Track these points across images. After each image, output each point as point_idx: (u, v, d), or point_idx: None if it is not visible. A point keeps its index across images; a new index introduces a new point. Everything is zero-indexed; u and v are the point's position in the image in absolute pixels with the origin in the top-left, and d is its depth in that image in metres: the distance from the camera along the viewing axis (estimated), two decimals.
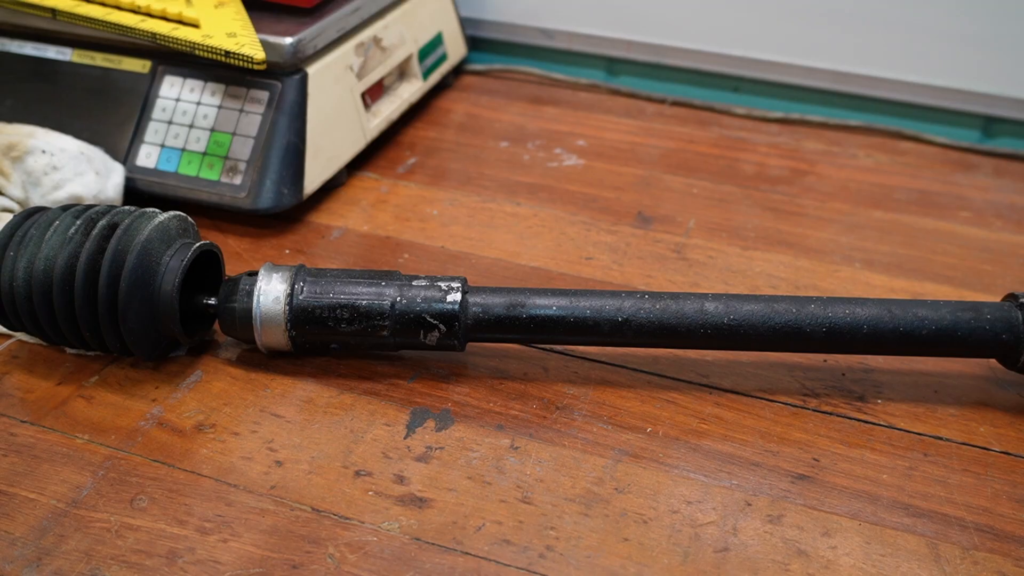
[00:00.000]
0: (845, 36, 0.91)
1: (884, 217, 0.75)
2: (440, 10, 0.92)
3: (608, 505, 0.48)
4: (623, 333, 0.54)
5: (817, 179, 0.80)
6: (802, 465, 0.51)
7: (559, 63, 1.01)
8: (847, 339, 0.54)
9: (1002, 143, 0.90)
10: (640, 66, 0.99)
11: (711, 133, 0.87)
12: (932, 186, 0.80)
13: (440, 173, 0.79)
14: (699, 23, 0.94)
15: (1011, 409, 0.56)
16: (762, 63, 0.94)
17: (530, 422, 0.53)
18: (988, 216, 0.76)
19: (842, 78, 0.93)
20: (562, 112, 0.90)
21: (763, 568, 0.45)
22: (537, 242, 0.70)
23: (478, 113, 0.90)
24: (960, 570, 0.46)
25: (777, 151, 0.85)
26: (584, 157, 0.82)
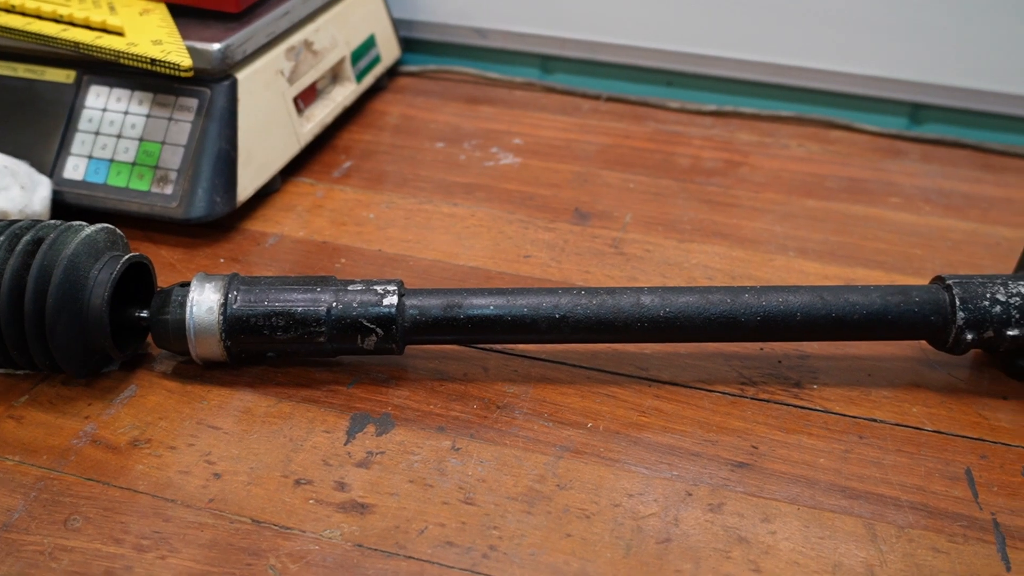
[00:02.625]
0: (776, 28, 0.92)
1: (816, 205, 0.76)
2: (372, 12, 0.92)
3: (550, 502, 0.48)
4: (561, 330, 0.54)
5: (751, 170, 0.81)
6: (741, 453, 0.52)
7: (494, 62, 1.01)
8: (781, 327, 0.54)
9: (929, 129, 0.92)
10: (575, 63, 0.99)
11: (646, 128, 0.88)
12: (862, 173, 0.81)
13: (376, 176, 0.78)
14: (632, 19, 0.95)
15: (942, 389, 0.57)
16: (695, 57, 0.95)
17: (471, 422, 0.53)
18: (917, 201, 0.77)
19: (774, 70, 0.94)
20: (498, 111, 0.90)
21: (704, 557, 0.46)
22: (475, 242, 0.70)
23: (413, 114, 0.90)
24: (896, 548, 0.47)
25: (711, 143, 0.86)
26: (520, 155, 0.82)
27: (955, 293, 0.55)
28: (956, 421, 0.55)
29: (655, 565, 0.45)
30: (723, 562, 0.46)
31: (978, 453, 0.53)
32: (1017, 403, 0.57)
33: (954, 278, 0.56)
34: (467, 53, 1.01)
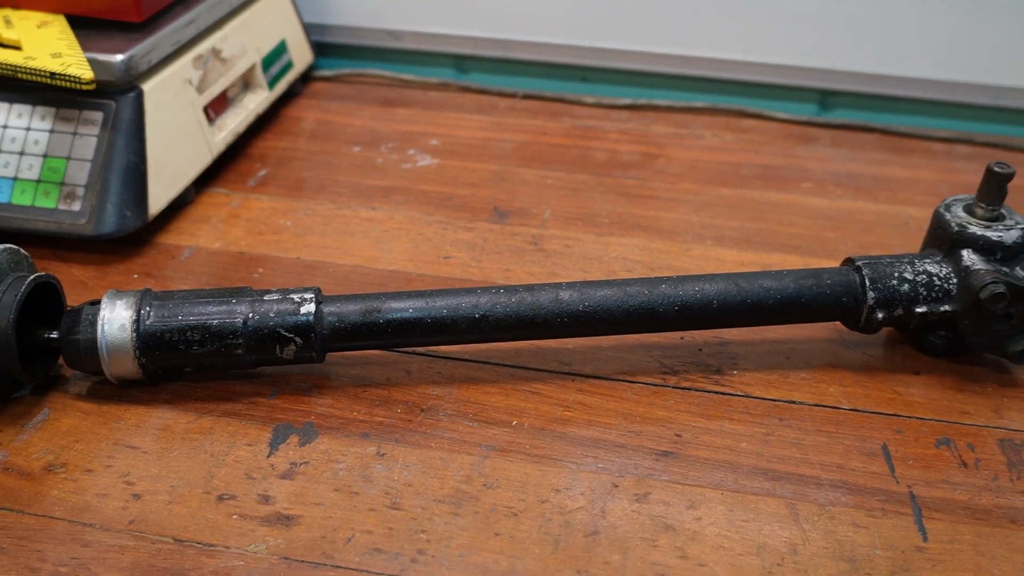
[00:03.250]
0: (688, 21, 0.93)
1: (732, 194, 0.77)
2: (282, 17, 0.91)
3: (478, 502, 0.48)
4: (481, 329, 0.54)
5: (667, 162, 0.82)
6: (665, 442, 0.52)
7: (408, 64, 1.00)
8: (699, 315, 0.55)
9: (838, 115, 0.94)
10: (489, 62, 0.99)
11: (563, 124, 0.88)
12: (775, 160, 0.83)
13: (292, 183, 0.77)
14: (546, 16, 0.95)
15: (857, 368, 0.59)
16: (609, 52, 0.96)
17: (395, 427, 0.53)
18: (828, 185, 0.79)
19: (686, 62, 0.95)
20: (414, 113, 0.90)
21: (632, 547, 0.46)
22: (394, 245, 0.69)
23: (329, 119, 0.89)
24: (818, 526, 0.48)
25: (627, 137, 0.86)
26: (438, 156, 0.82)
27: (865, 274, 0.56)
28: (872, 398, 0.56)
29: (584, 558, 0.45)
30: (650, 551, 0.46)
31: (893, 428, 0.54)
32: (929, 378, 0.58)
33: (863, 259, 0.57)
34: (381, 56, 1.01)
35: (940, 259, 0.57)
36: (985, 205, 0.57)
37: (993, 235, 0.56)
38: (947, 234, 0.57)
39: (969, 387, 0.58)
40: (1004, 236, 0.56)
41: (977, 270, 0.55)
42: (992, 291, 0.54)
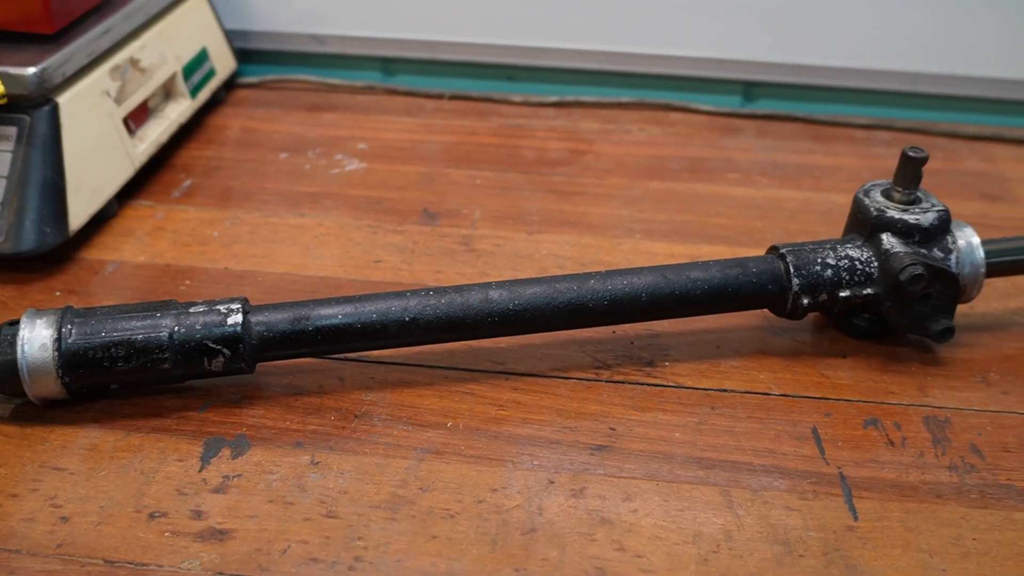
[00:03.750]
0: (613, 17, 0.93)
1: (660, 187, 0.78)
2: (202, 25, 0.89)
3: (414, 506, 0.48)
4: (412, 332, 0.54)
5: (595, 157, 0.83)
6: (600, 436, 0.53)
7: (334, 68, 1.00)
8: (629, 309, 0.56)
9: (762, 105, 0.96)
10: (416, 64, 0.99)
11: (490, 123, 0.89)
12: (702, 152, 0.84)
13: (218, 192, 0.76)
14: (472, 16, 0.95)
15: (786, 354, 0.60)
16: (535, 50, 0.96)
17: (329, 435, 0.53)
18: (754, 175, 0.80)
19: (612, 58, 0.96)
20: (341, 117, 0.89)
21: (569, 542, 0.46)
22: (324, 251, 0.69)
23: (254, 127, 0.88)
24: (752, 512, 0.48)
25: (555, 134, 0.87)
26: (366, 160, 0.81)
27: (789, 261, 0.57)
28: (800, 383, 0.57)
29: (522, 556, 0.46)
30: (588, 545, 0.46)
31: (822, 411, 0.55)
32: (855, 360, 0.59)
33: (787, 247, 0.58)
34: (306, 60, 1.00)
35: (861, 243, 0.58)
36: (902, 189, 0.58)
37: (910, 218, 0.57)
38: (867, 219, 0.58)
39: (894, 367, 0.59)
40: (921, 219, 0.57)
41: (896, 253, 0.56)
42: (911, 273, 0.55)
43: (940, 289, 0.56)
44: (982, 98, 0.94)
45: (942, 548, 0.47)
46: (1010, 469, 0.52)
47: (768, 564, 0.46)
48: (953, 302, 0.57)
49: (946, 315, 0.58)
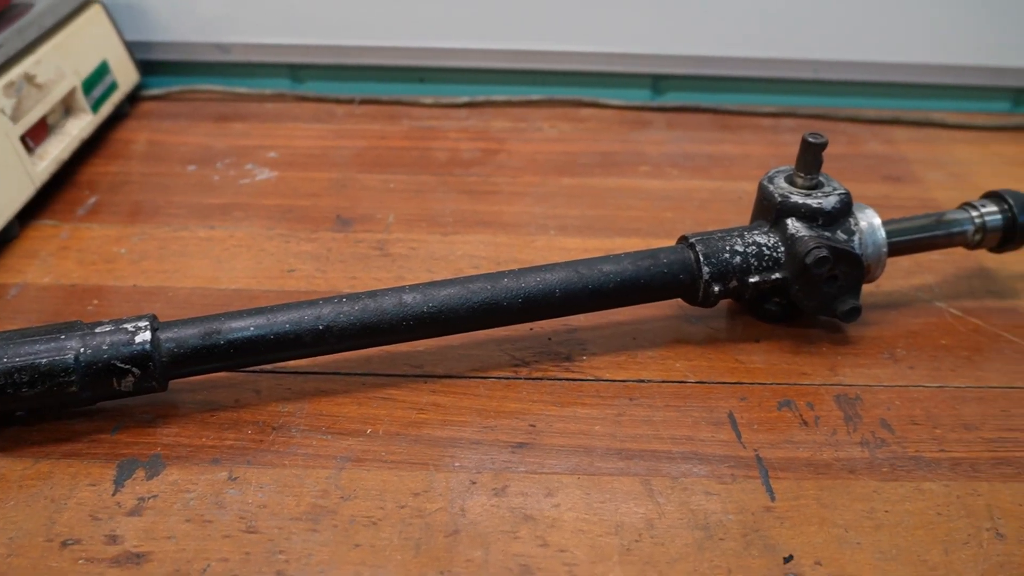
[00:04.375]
0: (522, 15, 0.94)
1: (572, 183, 0.78)
2: (101, 38, 0.87)
3: (336, 516, 0.48)
4: (327, 341, 0.53)
5: (507, 156, 0.83)
6: (520, 434, 0.53)
7: (241, 76, 0.98)
8: (543, 305, 0.56)
9: (670, 98, 0.97)
10: (325, 69, 0.98)
11: (402, 126, 0.88)
12: (613, 147, 0.85)
13: (125, 208, 0.75)
14: (379, 19, 0.95)
15: (701, 341, 0.61)
16: (444, 51, 0.96)
17: (247, 449, 0.52)
18: (665, 167, 0.81)
19: (522, 56, 0.96)
20: (250, 126, 0.88)
21: (493, 541, 0.46)
22: (236, 263, 0.67)
23: (161, 139, 0.86)
24: (672, 499, 0.49)
25: (467, 134, 0.87)
26: (277, 169, 0.80)
27: (698, 250, 0.58)
28: (716, 369, 0.58)
29: (446, 559, 0.45)
30: (511, 543, 0.46)
31: (738, 396, 0.56)
32: (768, 344, 0.61)
33: (696, 236, 0.59)
34: (212, 70, 0.98)
35: (767, 229, 0.59)
36: (804, 174, 0.59)
37: (813, 202, 0.58)
38: (772, 205, 0.59)
39: (806, 349, 0.60)
40: (824, 203, 0.58)
41: (801, 237, 0.57)
42: (816, 256, 0.56)
43: (845, 270, 0.58)
44: (881, 83, 0.97)
45: (856, 522, 0.48)
46: (918, 441, 0.53)
47: (689, 549, 0.46)
48: (858, 282, 0.59)
49: (852, 295, 0.59)
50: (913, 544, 0.47)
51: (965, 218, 0.63)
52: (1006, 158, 0.86)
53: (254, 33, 0.96)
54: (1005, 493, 0.50)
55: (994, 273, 0.69)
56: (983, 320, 0.64)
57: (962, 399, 0.57)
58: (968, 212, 0.63)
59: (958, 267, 0.69)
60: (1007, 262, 0.70)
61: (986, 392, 0.57)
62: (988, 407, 0.56)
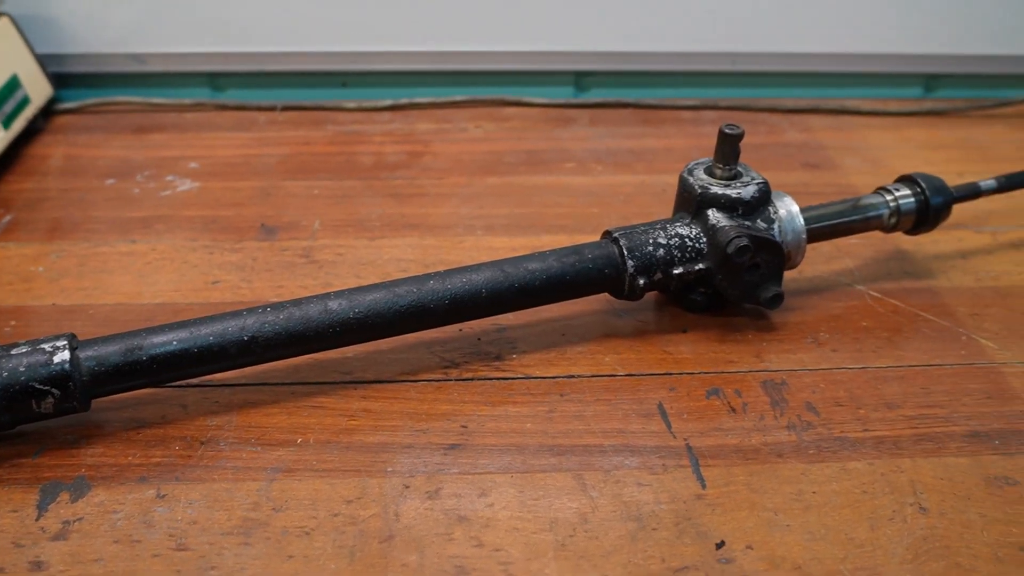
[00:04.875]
0: (443, 16, 0.94)
1: (498, 182, 0.79)
2: (9, 51, 0.85)
3: (268, 528, 0.47)
4: (253, 351, 0.53)
5: (433, 158, 0.83)
6: (452, 435, 0.53)
7: (159, 87, 0.96)
8: (470, 306, 0.56)
9: (593, 94, 0.98)
10: (245, 77, 0.97)
11: (326, 132, 0.87)
12: (537, 145, 0.85)
13: (42, 226, 0.73)
14: (300, 25, 0.94)
15: (630, 334, 0.61)
16: (367, 55, 0.96)
17: (175, 465, 0.51)
18: (589, 163, 0.82)
19: (444, 57, 0.96)
20: (169, 137, 0.87)
21: (428, 544, 0.46)
22: (159, 277, 0.66)
23: (78, 154, 0.84)
24: (605, 492, 0.49)
25: (392, 138, 0.86)
26: (198, 179, 0.79)
27: (622, 244, 0.58)
28: (645, 361, 0.59)
29: (380, 565, 0.45)
30: (447, 545, 0.46)
31: (667, 387, 0.57)
32: (695, 334, 0.61)
33: (620, 230, 0.59)
34: (128, 81, 0.96)
35: (689, 221, 0.60)
36: (723, 165, 0.60)
37: (732, 192, 0.59)
38: (692, 196, 0.60)
39: (732, 337, 0.61)
40: (743, 192, 0.59)
41: (722, 227, 0.58)
42: (737, 245, 0.57)
43: (766, 258, 0.59)
44: (798, 72, 0.99)
45: (785, 505, 0.49)
46: (843, 422, 0.55)
47: (623, 541, 0.47)
48: (780, 269, 0.60)
49: (775, 282, 0.60)
50: (840, 523, 0.48)
51: (880, 202, 0.65)
52: (919, 142, 0.89)
53: (171, 42, 0.94)
54: (927, 468, 0.52)
55: (911, 255, 0.71)
56: (902, 301, 0.65)
57: (884, 379, 0.58)
58: (883, 196, 0.65)
59: (876, 250, 0.71)
60: (923, 244, 0.72)
61: (906, 371, 0.59)
62: (908, 385, 0.58)
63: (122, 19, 0.92)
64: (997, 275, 0.69)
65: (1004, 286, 0.67)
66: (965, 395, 0.57)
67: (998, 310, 0.65)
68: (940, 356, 0.60)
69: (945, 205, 0.65)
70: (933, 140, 0.89)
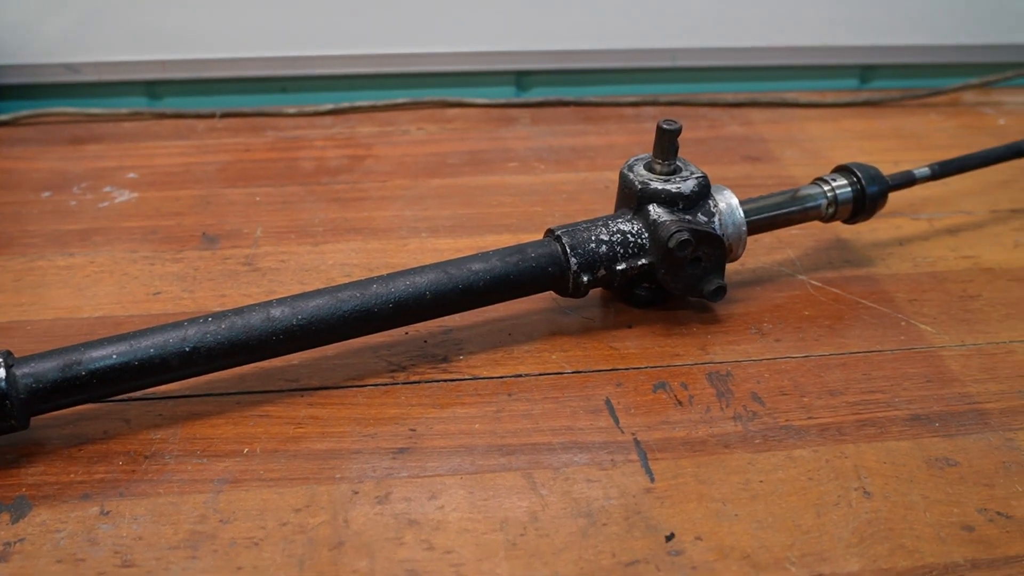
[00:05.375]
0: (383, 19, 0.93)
1: (442, 183, 0.78)
2: None
3: (215, 540, 0.47)
4: (195, 362, 0.52)
5: (375, 161, 0.82)
6: (401, 439, 0.53)
7: (95, 96, 0.95)
8: (415, 308, 0.56)
9: (535, 93, 0.98)
10: (183, 84, 0.96)
11: (266, 138, 0.87)
12: (480, 145, 0.85)
13: None
14: (237, 30, 0.93)
15: (576, 332, 0.62)
16: (306, 59, 0.95)
17: (119, 481, 0.50)
18: (531, 162, 0.82)
19: (385, 60, 0.96)
20: (107, 148, 0.85)
21: (379, 549, 0.46)
22: (98, 290, 0.65)
23: (11, 167, 0.82)
24: (555, 489, 0.50)
25: (333, 142, 0.86)
26: (137, 189, 0.78)
27: (565, 242, 0.58)
28: (591, 358, 0.59)
29: (331, 572, 0.45)
30: (397, 549, 0.46)
31: (614, 382, 0.57)
32: (640, 328, 0.62)
33: (562, 228, 0.60)
34: (63, 92, 0.94)
35: (631, 217, 0.60)
36: (662, 161, 0.61)
37: (672, 187, 0.60)
38: (633, 192, 0.60)
39: (677, 331, 0.62)
40: (682, 187, 0.60)
41: (663, 222, 0.59)
42: (678, 239, 0.57)
43: (708, 251, 0.59)
44: (737, 67, 1.00)
45: (733, 495, 0.50)
46: (787, 411, 0.55)
47: (574, 538, 0.47)
48: (722, 262, 0.61)
49: (717, 275, 0.61)
50: (787, 510, 0.49)
51: (818, 192, 0.66)
52: (855, 132, 0.90)
53: (105, 51, 0.93)
54: (870, 453, 0.52)
55: (850, 243, 0.72)
56: (842, 289, 0.66)
57: (826, 366, 0.59)
58: (820, 187, 0.66)
59: (817, 240, 0.72)
60: (862, 232, 0.73)
61: (848, 358, 0.60)
62: (851, 372, 0.59)
63: (55, 28, 0.91)
64: (934, 260, 0.70)
65: (941, 271, 0.69)
66: (905, 380, 0.58)
67: (935, 295, 0.66)
68: (880, 342, 0.61)
69: (881, 194, 0.66)
70: (869, 130, 0.91)
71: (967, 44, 1.02)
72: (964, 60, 1.03)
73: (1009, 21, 1.01)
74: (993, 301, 0.66)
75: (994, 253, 0.71)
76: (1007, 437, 0.54)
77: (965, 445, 0.53)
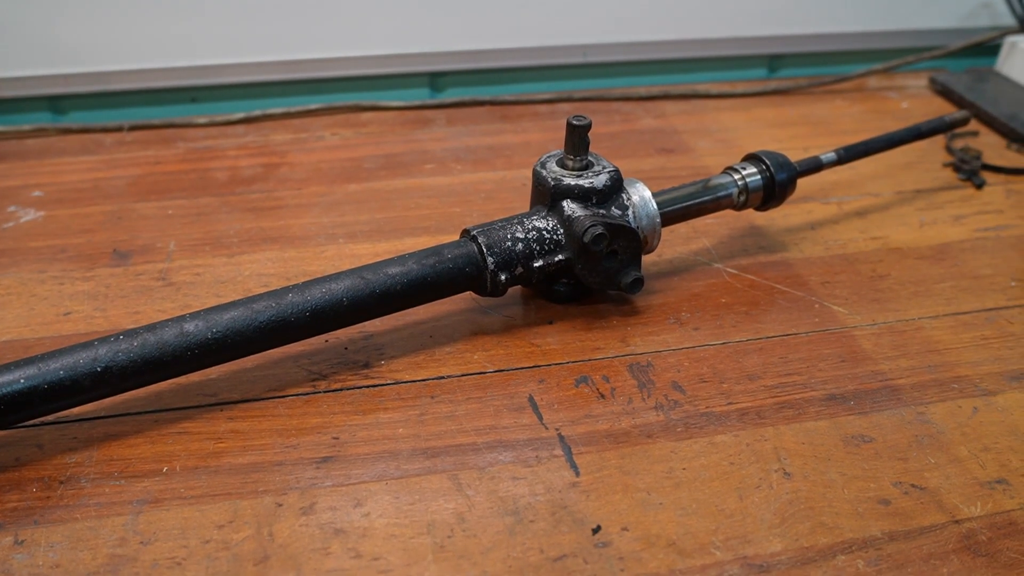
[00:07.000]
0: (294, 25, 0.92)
1: (358, 188, 0.78)
2: None
3: (136, 562, 0.46)
4: (108, 382, 0.51)
5: (290, 168, 0.81)
6: (324, 448, 0.52)
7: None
8: (332, 316, 0.55)
9: (449, 94, 0.98)
10: (87, 98, 0.93)
11: (177, 150, 0.85)
12: (396, 148, 0.85)
13: None
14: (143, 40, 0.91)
15: (497, 330, 0.62)
16: (216, 68, 0.93)
17: (33, 508, 0.49)
18: (448, 163, 0.82)
19: (297, 66, 0.95)
20: (9, 166, 0.83)
21: (305, 561, 0.46)
22: (5, 313, 0.63)
23: None
24: (481, 489, 0.50)
25: (246, 151, 0.84)
26: (43, 208, 0.76)
27: (481, 242, 0.58)
28: (513, 356, 0.59)
29: None
30: (324, 559, 0.46)
31: (537, 379, 0.57)
32: (561, 324, 0.62)
33: (478, 228, 0.60)
34: None
35: (546, 213, 0.61)
36: (573, 156, 0.61)
37: (585, 183, 0.60)
38: (547, 189, 0.61)
39: (598, 324, 0.62)
40: (595, 181, 0.60)
41: (578, 217, 0.59)
42: (593, 233, 0.58)
43: (623, 244, 0.60)
44: (649, 60, 1.01)
45: (657, 484, 0.50)
46: (707, 397, 0.56)
47: (501, 536, 0.47)
48: (638, 254, 0.61)
49: (634, 267, 0.61)
50: (711, 496, 0.50)
51: (729, 182, 0.67)
52: (765, 121, 0.92)
53: (5, 66, 0.90)
54: (788, 434, 0.54)
55: (764, 230, 0.73)
56: (757, 275, 0.67)
57: (744, 352, 0.60)
58: (731, 176, 0.67)
59: (732, 228, 0.73)
60: (775, 218, 0.75)
61: (765, 343, 0.61)
62: (768, 356, 0.60)
63: None
64: (844, 243, 0.72)
65: (851, 253, 0.71)
66: (820, 361, 0.59)
67: (847, 276, 0.68)
68: (796, 325, 0.62)
69: (790, 180, 0.68)
70: (779, 118, 0.93)
71: (870, 31, 1.05)
72: (868, 47, 1.06)
73: (909, 7, 1.04)
74: (901, 280, 0.68)
75: (901, 233, 0.73)
76: (919, 411, 0.56)
77: (879, 421, 0.55)
